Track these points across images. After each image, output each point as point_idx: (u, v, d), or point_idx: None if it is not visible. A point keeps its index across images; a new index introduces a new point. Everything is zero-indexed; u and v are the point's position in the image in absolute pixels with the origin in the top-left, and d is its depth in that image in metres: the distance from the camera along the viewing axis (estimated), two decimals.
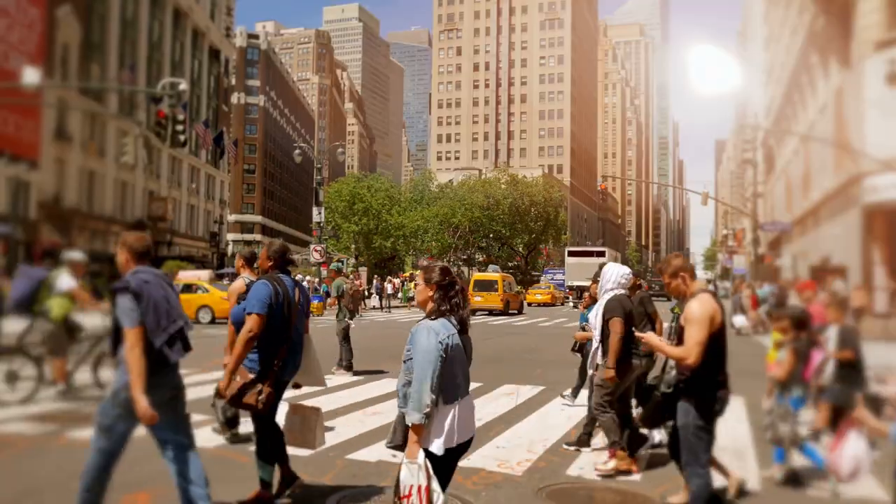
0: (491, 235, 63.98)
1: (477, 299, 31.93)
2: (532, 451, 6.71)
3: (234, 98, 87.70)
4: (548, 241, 68.38)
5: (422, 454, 3.30)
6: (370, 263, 52.88)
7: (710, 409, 4.24)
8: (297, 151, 36.05)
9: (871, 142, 22.41)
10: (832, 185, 27.79)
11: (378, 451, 6.55)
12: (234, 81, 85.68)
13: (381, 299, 33.68)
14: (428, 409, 3.26)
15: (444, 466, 3.46)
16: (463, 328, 3.49)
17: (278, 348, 4.78)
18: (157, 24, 51.72)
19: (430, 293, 3.46)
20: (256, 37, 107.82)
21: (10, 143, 34.35)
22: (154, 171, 50.17)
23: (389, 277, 42.72)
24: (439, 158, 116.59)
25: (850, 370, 6.09)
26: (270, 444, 4.97)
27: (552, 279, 52.06)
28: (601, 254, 50.51)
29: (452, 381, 3.38)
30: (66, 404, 8.56)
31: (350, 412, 8.50)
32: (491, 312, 32.51)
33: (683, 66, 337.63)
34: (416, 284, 3.64)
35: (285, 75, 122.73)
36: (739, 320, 22.48)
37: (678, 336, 4.35)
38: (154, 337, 3.95)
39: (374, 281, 36.47)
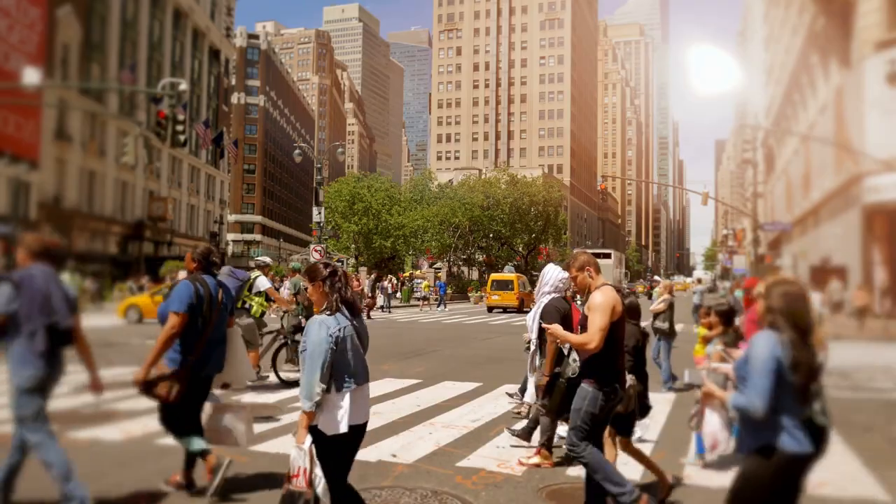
0: (491, 235, 63.97)
1: (494, 297, 34.78)
2: (532, 451, 6.71)
3: (234, 98, 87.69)
4: (548, 241, 68.35)
5: (309, 439, 3.56)
6: (370, 263, 52.87)
7: (608, 398, 4.43)
8: (296, 151, 36.01)
9: (871, 142, 22.42)
10: (832, 185, 27.81)
11: (378, 452, 6.55)
12: (234, 81, 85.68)
13: (385, 298, 33.81)
14: (318, 398, 3.52)
15: (342, 448, 3.73)
16: (353, 311, 3.73)
17: (196, 345, 5.08)
18: (157, 25, 51.72)
19: (320, 289, 3.70)
20: (256, 37, 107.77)
21: (10, 144, 34.35)
22: (154, 172, 50.18)
23: (390, 276, 42.71)
24: (439, 158, 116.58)
25: None
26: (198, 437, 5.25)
27: None
28: (607, 255, 51.50)
29: (345, 370, 3.62)
30: (66, 404, 8.56)
31: None
32: (506, 310, 34.73)
33: (683, 66, 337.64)
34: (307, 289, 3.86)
35: (285, 75, 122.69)
36: None
37: (582, 327, 4.55)
38: (23, 326, 4.38)
39: (385, 281, 36.54)
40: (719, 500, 5.47)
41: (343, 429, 3.63)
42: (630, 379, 4.99)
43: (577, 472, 6.08)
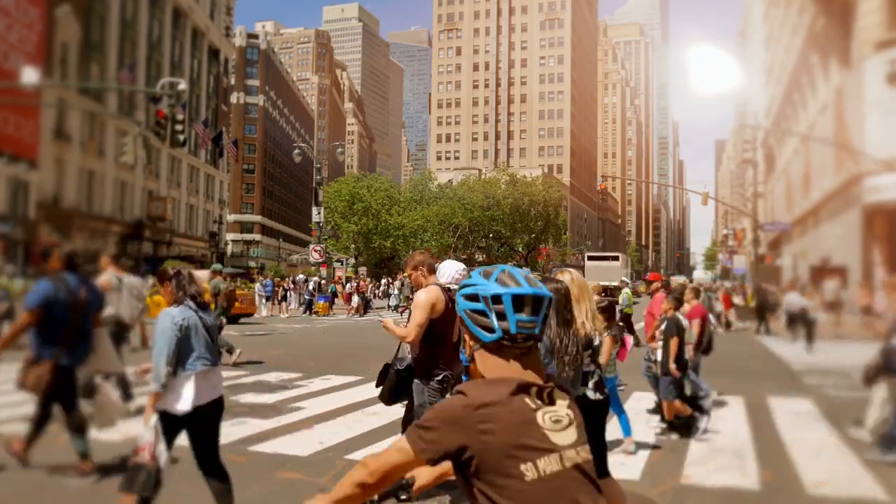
0: (491, 235, 63.95)
1: None
2: None
3: (233, 98, 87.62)
4: (547, 241, 68.33)
5: (154, 417, 3.93)
6: (370, 263, 52.85)
7: (436, 390, 4.65)
8: (296, 151, 35.96)
9: (871, 142, 22.41)
10: (832, 185, 27.79)
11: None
12: (233, 81, 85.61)
13: (391, 299, 33.94)
14: (164, 380, 3.93)
15: (192, 426, 4.13)
16: (199, 305, 4.22)
17: (58, 338, 5.54)
18: (156, 24, 51.68)
19: (168, 288, 4.20)
20: (256, 36, 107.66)
21: (9, 143, 34.33)
22: (153, 171, 50.14)
23: (388, 279, 42.69)
24: (439, 158, 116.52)
25: (680, 355, 7.22)
26: (46, 425, 5.78)
27: None
28: (615, 258, 54.37)
29: (190, 355, 4.06)
30: None
31: (349, 412, 8.49)
32: None
33: (683, 66, 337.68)
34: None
35: (285, 75, 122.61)
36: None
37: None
38: None
39: (398, 281, 36.49)
40: (718, 500, 5.47)
41: (187, 407, 4.00)
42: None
43: None
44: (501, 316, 1.76)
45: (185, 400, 4.02)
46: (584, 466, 1.73)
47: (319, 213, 33.10)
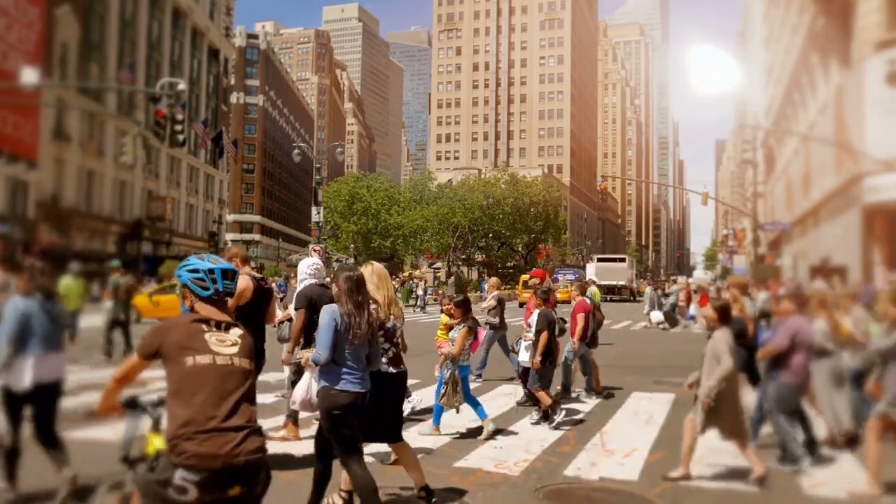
0: (490, 235, 63.93)
1: (525, 295, 35.89)
2: (529, 452, 6.68)
3: (233, 98, 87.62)
4: (547, 241, 68.32)
5: None
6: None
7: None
8: (296, 151, 35.91)
9: (871, 142, 22.38)
10: (832, 185, 27.77)
11: (376, 452, 6.51)
12: (233, 81, 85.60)
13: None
14: (6, 360, 4.70)
15: (34, 402, 4.85)
16: (48, 297, 4.98)
17: None
18: (156, 24, 51.67)
19: (23, 281, 4.95)
20: (256, 36, 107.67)
21: (8, 143, 34.30)
22: (153, 171, 50.12)
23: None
24: (439, 158, 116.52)
25: (549, 347, 7.93)
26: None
27: (564, 278, 52.37)
28: (622, 260, 56.54)
29: (30, 338, 4.79)
30: (65, 405, 8.51)
31: None
32: None
33: (683, 66, 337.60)
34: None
35: (284, 75, 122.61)
36: (656, 315, 24.16)
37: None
38: None
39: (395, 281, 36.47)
40: (718, 500, 5.46)
41: (27, 384, 4.72)
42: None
43: (575, 472, 6.05)
44: (214, 281, 2.96)
45: (23, 379, 4.75)
46: (238, 369, 2.83)
47: (319, 213, 33.06)
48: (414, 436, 7.05)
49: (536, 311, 8.18)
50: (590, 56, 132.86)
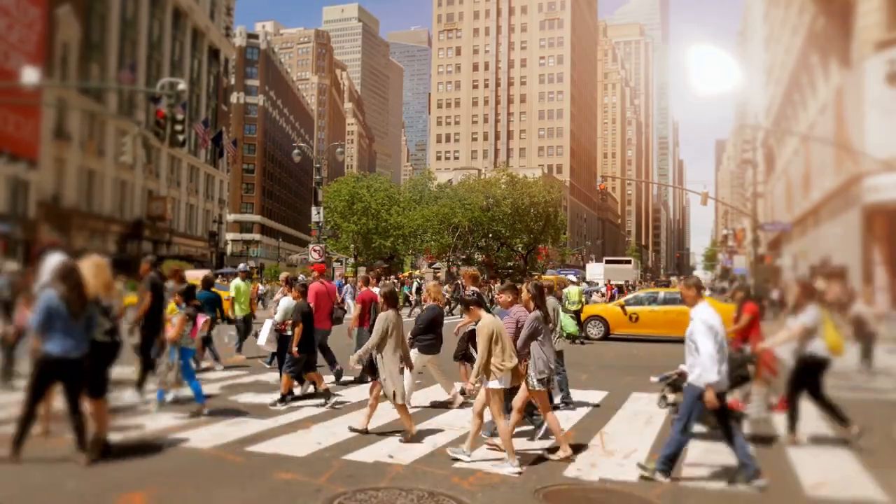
0: (490, 235, 63.92)
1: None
2: (530, 452, 6.69)
3: (233, 98, 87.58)
4: (547, 241, 68.30)
5: None
6: (369, 264, 52.79)
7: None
8: (296, 151, 35.89)
9: (871, 142, 22.39)
10: (832, 185, 27.77)
11: (375, 452, 6.52)
12: (233, 81, 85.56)
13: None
14: None
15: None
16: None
17: None
18: (156, 24, 51.65)
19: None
20: (256, 36, 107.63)
21: (9, 143, 34.30)
22: (153, 171, 50.12)
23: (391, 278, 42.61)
24: (439, 158, 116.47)
25: (305, 338, 8.91)
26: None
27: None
28: (628, 262, 60.51)
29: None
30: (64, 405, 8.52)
31: (347, 413, 8.48)
32: None
33: (683, 66, 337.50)
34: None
35: (285, 75, 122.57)
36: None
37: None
38: None
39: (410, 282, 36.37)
40: (717, 501, 5.46)
41: None
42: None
43: (575, 473, 6.05)
44: None
45: None
46: None
47: (319, 212, 33.04)
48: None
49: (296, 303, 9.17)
50: (590, 56, 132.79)
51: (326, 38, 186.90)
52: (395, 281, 39.79)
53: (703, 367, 5.57)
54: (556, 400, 8.99)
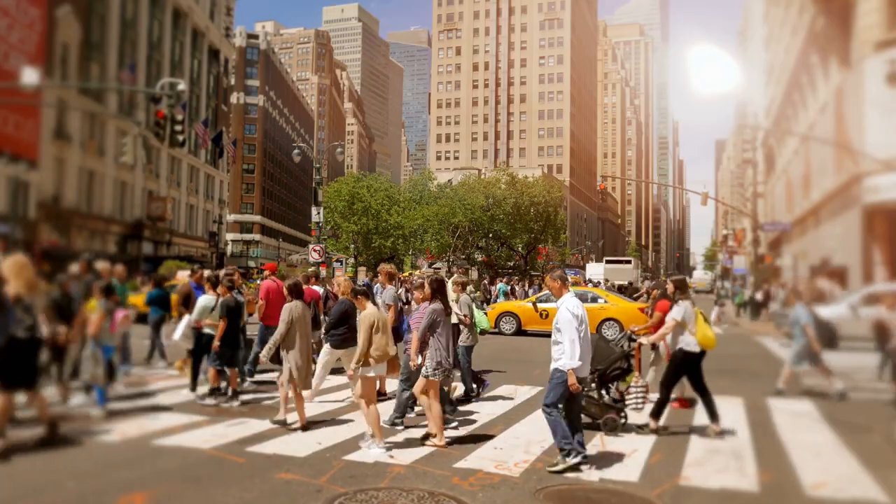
0: (490, 235, 63.92)
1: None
2: (529, 453, 6.69)
3: (233, 98, 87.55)
4: (547, 241, 68.30)
5: None
6: (369, 263, 52.79)
7: None
8: (296, 151, 35.84)
9: (871, 142, 22.37)
10: (832, 185, 27.74)
11: (375, 452, 6.53)
12: (233, 81, 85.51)
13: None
14: None
15: None
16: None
17: None
18: (156, 24, 51.63)
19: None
20: (256, 37, 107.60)
21: (9, 143, 34.29)
22: (153, 171, 50.11)
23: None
24: (438, 158, 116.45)
25: (230, 335, 9.12)
26: None
27: None
28: (628, 262, 60.66)
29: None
30: (64, 407, 8.53)
31: (347, 413, 8.48)
32: None
33: (683, 66, 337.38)
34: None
35: (284, 75, 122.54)
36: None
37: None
38: None
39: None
40: (717, 501, 5.47)
41: None
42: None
43: (575, 472, 6.06)
44: None
45: None
46: None
47: (319, 213, 33.01)
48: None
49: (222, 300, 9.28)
50: (589, 56, 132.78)
51: (326, 38, 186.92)
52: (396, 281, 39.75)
53: (566, 353, 6.04)
54: (457, 393, 9.18)
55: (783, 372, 10.37)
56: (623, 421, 7.69)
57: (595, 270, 57.54)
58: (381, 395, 8.85)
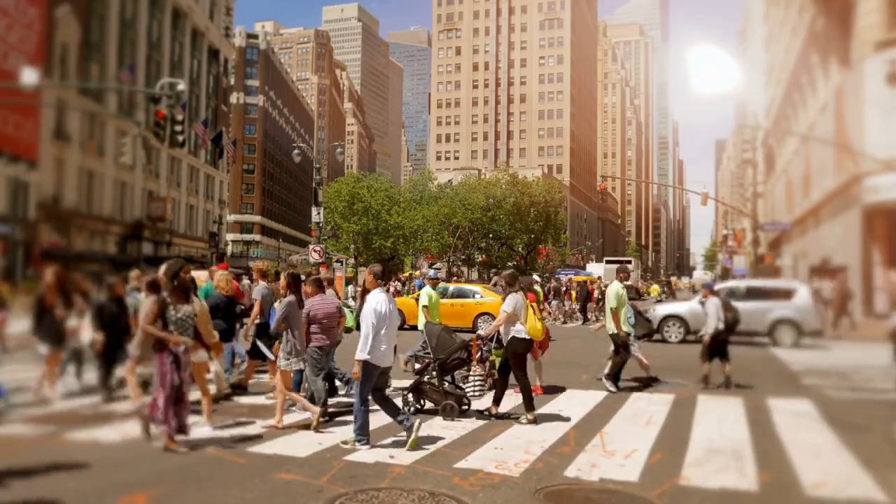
0: (490, 235, 63.94)
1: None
2: (530, 453, 6.69)
3: (233, 98, 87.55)
4: (547, 241, 68.32)
5: None
6: (370, 264, 52.79)
7: None
8: (296, 151, 35.83)
9: (871, 142, 22.38)
10: (832, 185, 27.76)
11: (376, 453, 6.53)
12: (233, 81, 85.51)
13: None
14: None
15: None
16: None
17: None
18: (156, 24, 51.63)
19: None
20: (256, 37, 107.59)
21: (9, 143, 34.29)
22: (153, 171, 50.10)
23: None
24: (439, 158, 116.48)
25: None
26: None
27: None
28: (628, 261, 61.41)
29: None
30: (64, 406, 8.54)
31: (347, 413, 8.48)
32: None
33: (683, 66, 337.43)
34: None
35: (284, 75, 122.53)
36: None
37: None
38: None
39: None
40: (717, 501, 5.47)
41: None
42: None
43: (575, 473, 6.06)
44: None
45: None
46: None
47: (319, 213, 33.00)
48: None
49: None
50: (589, 56, 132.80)
51: (326, 38, 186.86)
52: (396, 281, 39.80)
53: (359, 345, 6.44)
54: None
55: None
56: (465, 407, 8.31)
57: (595, 271, 57.53)
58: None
